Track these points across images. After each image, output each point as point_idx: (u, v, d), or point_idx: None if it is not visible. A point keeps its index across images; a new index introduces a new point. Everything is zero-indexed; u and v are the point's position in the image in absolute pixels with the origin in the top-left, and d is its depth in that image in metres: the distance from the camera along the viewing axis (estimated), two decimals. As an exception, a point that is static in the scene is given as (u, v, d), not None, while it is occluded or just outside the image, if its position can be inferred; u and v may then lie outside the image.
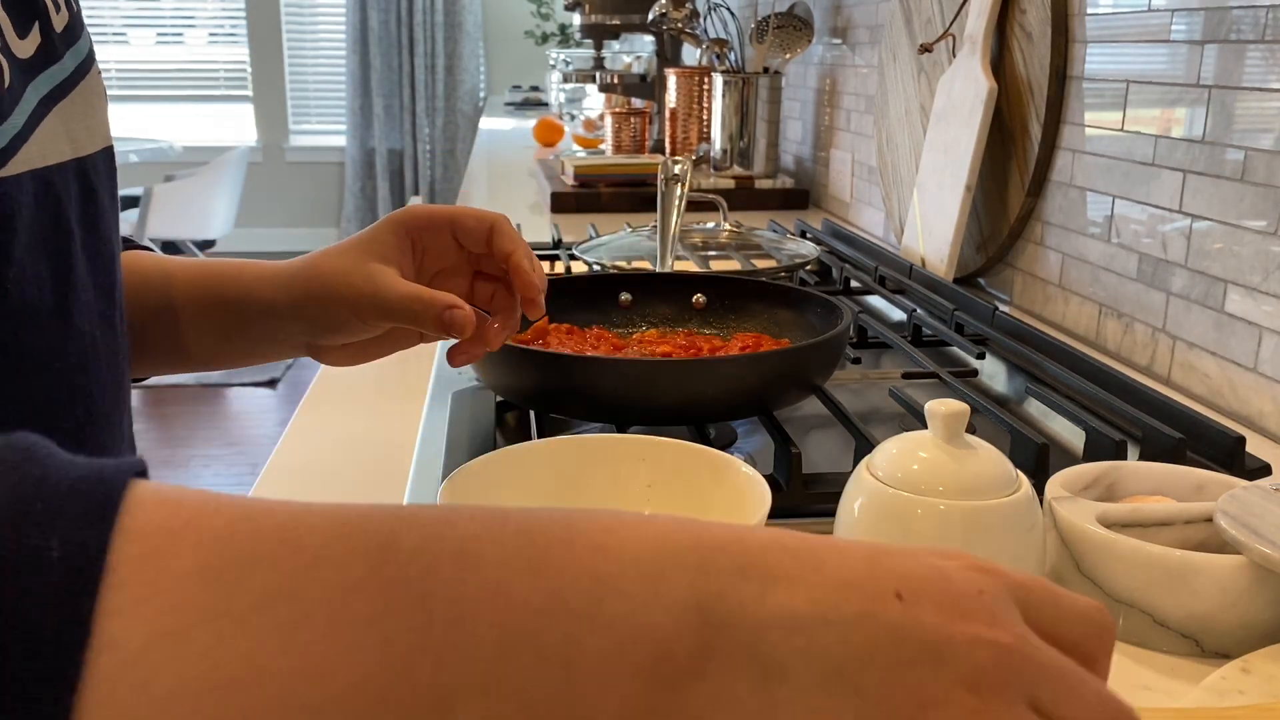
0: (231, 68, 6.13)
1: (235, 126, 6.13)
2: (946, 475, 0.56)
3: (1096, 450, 0.74)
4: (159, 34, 6.08)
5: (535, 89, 4.82)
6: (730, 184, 2.02)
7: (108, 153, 0.63)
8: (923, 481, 0.57)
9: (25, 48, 0.53)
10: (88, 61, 0.60)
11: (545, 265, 1.41)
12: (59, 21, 0.57)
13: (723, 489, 0.62)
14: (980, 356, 1.00)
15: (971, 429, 0.59)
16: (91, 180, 0.60)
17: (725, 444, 0.84)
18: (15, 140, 0.50)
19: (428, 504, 0.33)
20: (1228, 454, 0.74)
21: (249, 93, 6.13)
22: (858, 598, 0.32)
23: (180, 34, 6.11)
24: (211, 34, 6.12)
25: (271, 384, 4.07)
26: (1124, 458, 0.73)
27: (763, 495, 0.59)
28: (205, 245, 5.09)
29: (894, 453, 0.59)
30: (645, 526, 0.33)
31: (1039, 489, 0.64)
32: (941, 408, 0.57)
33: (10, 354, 0.50)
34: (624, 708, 0.31)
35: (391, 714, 0.29)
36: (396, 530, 0.31)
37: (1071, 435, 0.87)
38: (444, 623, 0.29)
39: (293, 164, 6.19)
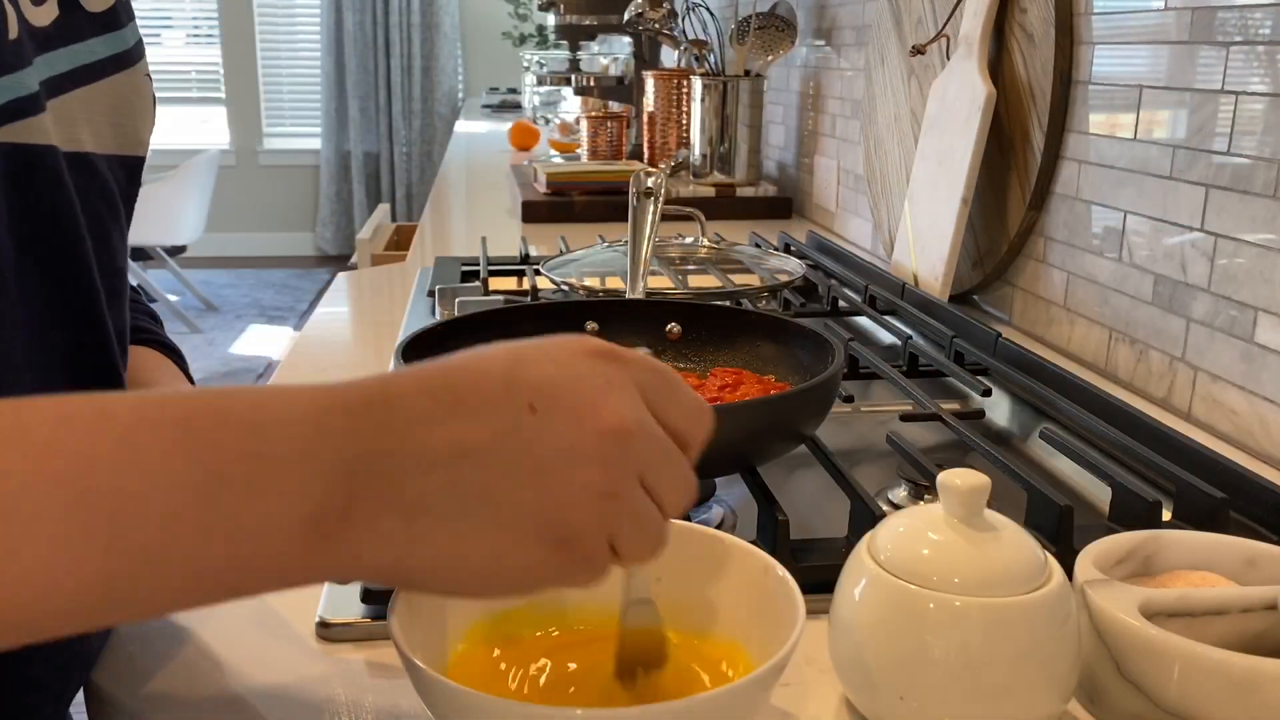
0: (204, 69, 6.00)
1: (207, 129, 6.00)
2: (964, 564, 0.47)
3: (1126, 512, 0.65)
4: (131, 35, 5.95)
5: (513, 91, 4.72)
6: (710, 191, 1.93)
7: (131, 162, 0.59)
8: (935, 572, 0.47)
9: (39, 15, 0.51)
10: (129, 56, 0.57)
11: (510, 283, 1.32)
12: (93, 3, 0.55)
13: (749, 591, 0.50)
14: (986, 394, 0.91)
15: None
16: (108, 181, 0.56)
17: (703, 497, 0.74)
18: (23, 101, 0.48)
19: (86, 396, 0.35)
20: (1276, 514, 0.65)
21: (222, 95, 6.00)
22: (493, 423, 0.37)
23: (158, 35, 5.99)
24: (190, 35, 5.99)
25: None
26: (1159, 520, 0.64)
27: (796, 610, 0.45)
28: (176, 251, 4.97)
29: (901, 532, 0.50)
30: (297, 400, 0.36)
31: (1060, 556, 0.55)
32: (957, 480, 0.48)
33: None
34: (288, 563, 0.35)
35: (66, 602, 0.32)
36: (58, 433, 0.33)
37: (1086, 482, 0.78)
38: (108, 516, 0.32)
39: (266, 167, 6.07)
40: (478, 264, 1.33)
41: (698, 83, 1.94)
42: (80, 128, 0.54)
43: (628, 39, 2.47)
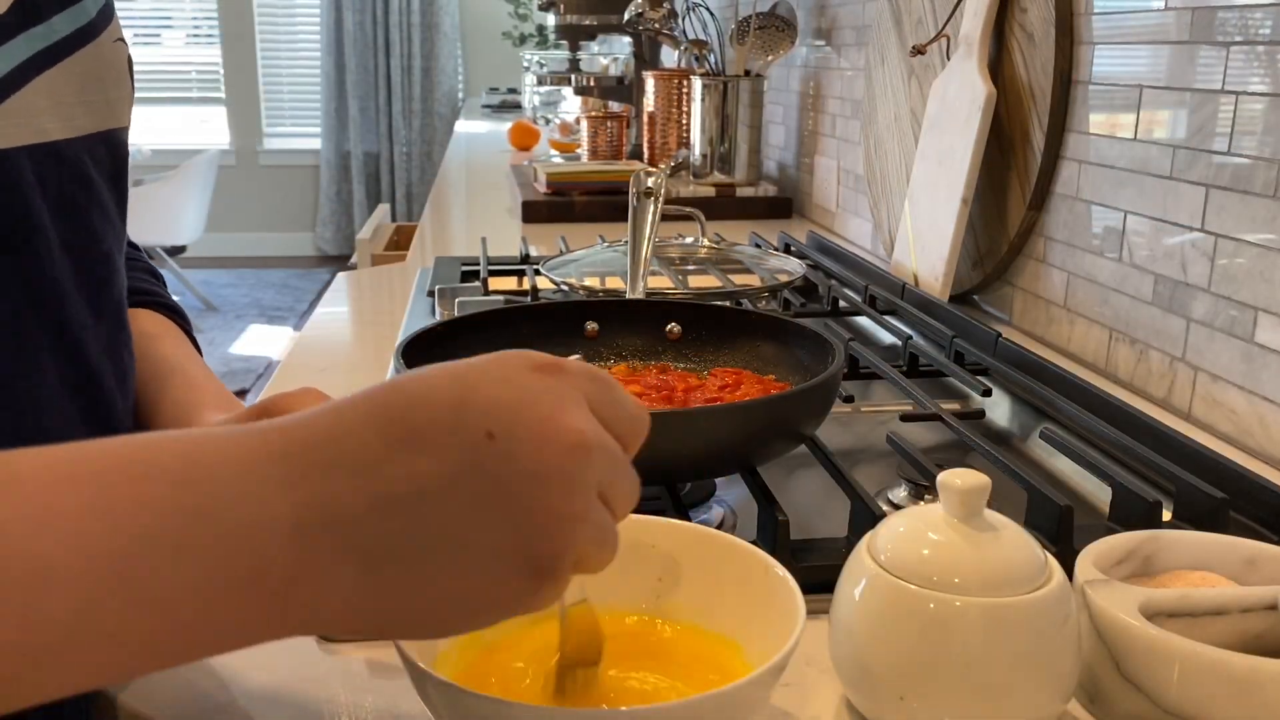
0: (204, 69, 6.00)
1: (208, 129, 6.00)
2: (964, 564, 0.47)
3: (1126, 511, 0.65)
4: (135, 34, 5.95)
5: (513, 91, 4.72)
6: (710, 191, 1.93)
7: (112, 136, 0.56)
8: (935, 572, 0.47)
9: None
10: (92, 28, 0.54)
11: (510, 283, 1.32)
12: None
13: (749, 591, 0.50)
14: (986, 394, 0.91)
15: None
16: (84, 166, 0.53)
17: (702, 497, 0.74)
18: None
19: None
20: (1276, 514, 0.65)
21: (222, 95, 6.00)
22: (451, 457, 0.34)
23: (158, 35, 5.98)
24: (190, 35, 5.99)
25: (242, 394, 3.95)
26: (1159, 520, 0.64)
27: (797, 610, 0.46)
28: (176, 251, 4.97)
29: (901, 532, 0.50)
30: (231, 447, 0.33)
31: (1060, 556, 0.55)
32: (957, 480, 0.48)
33: None
34: (233, 627, 0.32)
35: None
36: None
37: (1086, 482, 0.78)
38: (22, 587, 0.29)
39: (266, 167, 6.07)
40: (478, 264, 1.33)
41: (698, 83, 1.94)
42: (45, 117, 0.51)
43: (628, 39, 2.47)
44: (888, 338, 1.10)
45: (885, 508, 0.66)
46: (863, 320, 1.18)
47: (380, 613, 0.35)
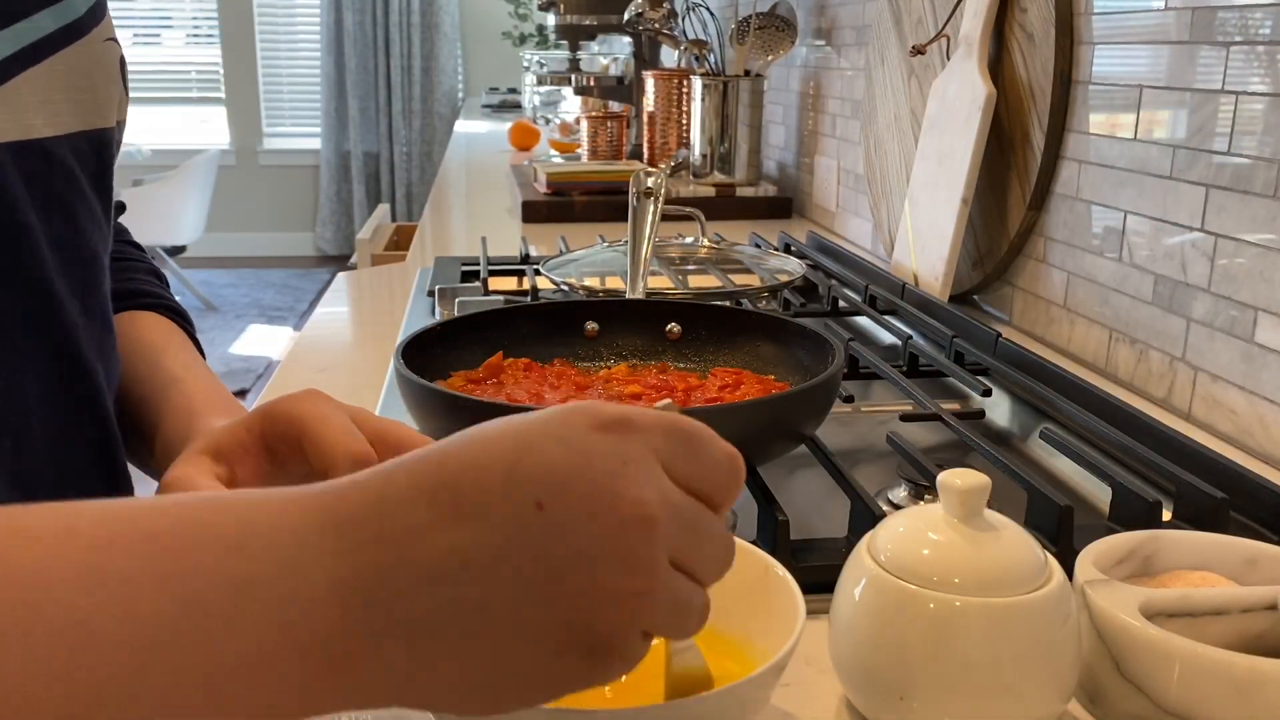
0: (204, 69, 6.00)
1: (208, 129, 6.00)
2: (964, 564, 0.47)
3: (1126, 511, 0.65)
4: (135, 34, 5.95)
5: (513, 91, 4.72)
6: (710, 191, 1.93)
7: (98, 136, 0.55)
8: (935, 572, 0.47)
9: None
10: (81, 25, 0.53)
11: (510, 283, 1.32)
12: None
13: (749, 591, 0.50)
14: (986, 394, 0.91)
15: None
16: (68, 163, 0.53)
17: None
18: None
19: (51, 508, 0.31)
20: (1276, 514, 0.65)
21: (222, 95, 6.00)
22: (496, 527, 0.32)
23: (158, 35, 5.98)
24: (190, 35, 5.99)
25: (242, 394, 3.96)
26: (1159, 520, 0.64)
27: (797, 610, 0.46)
28: (176, 251, 4.97)
29: (901, 532, 0.50)
30: (281, 515, 0.32)
31: (1060, 556, 0.55)
32: (957, 480, 0.48)
33: None
34: (278, 699, 0.31)
35: None
36: (15, 552, 0.29)
37: (1086, 482, 0.78)
38: (65, 649, 0.28)
39: (266, 167, 6.07)
40: (478, 264, 1.33)
41: (698, 83, 1.94)
42: (31, 113, 0.51)
43: (628, 39, 2.47)
44: (888, 338, 1.10)
45: (885, 508, 0.66)
46: (863, 320, 1.18)
47: (430, 690, 0.33)
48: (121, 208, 0.80)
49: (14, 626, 0.28)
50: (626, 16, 2.15)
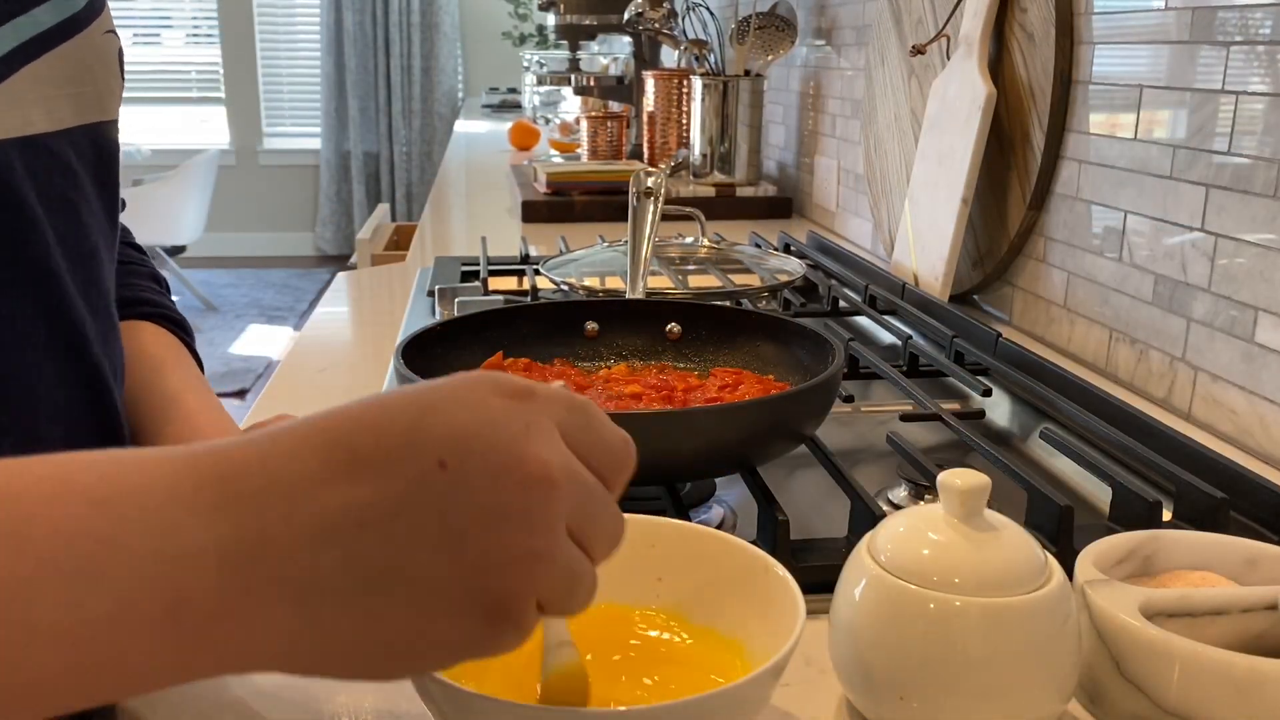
0: (204, 69, 6.00)
1: (207, 129, 6.00)
2: (964, 564, 0.47)
3: (1126, 511, 0.65)
4: (135, 34, 5.94)
5: (513, 91, 4.72)
6: (710, 191, 1.93)
7: (98, 130, 0.55)
8: (935, 572, 0.47)
9: None
10: (80, 19, 0.53)
11: (510, 283, 1.32)
12: None
13: (749, 591, 0.50)
14: (986, 394, 0.91)
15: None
16: (68, 159, 0.53)
17: (702, 497, 0.74)
18: None
19: None
20: (1276, 514, 0.65)
21: (222, 95, 6.00)
22: (395, 484, 0.31)
23: (158, 35, 5.98)
24: (190, 34, 5.99)
25: (241, 394, 3.96)
26: (1159, 520, 0.64)
27: (797, 610, 0.46)
28: (176, 250, 4.97)
29: (901, 532, 0.50)
30: (154, 471, 0.31)
31: (1060, 556, 0.55)
32: (957, 480, 0.48)
33: None
34: (150, 663, 0.30)
35: None
36: None
37: (1086, 482, 0.78)
38: None
39: (266, 167, 6.07)
40: (478, 264, 1.33)
41: (698, 83, 1.94)
42: (31, 108, 0.51)
43: (628, 39, 2.47)
44: (888, 338, 1.10)
45: (885, 508, 0.66)
46: (863, 320, 1.18)
47: (320, 653, 0.32)
48: (122, 205, 0.79)
49: None
50: (626, 16, 2.15)
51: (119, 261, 0.73)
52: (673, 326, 0.86)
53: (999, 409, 0.92)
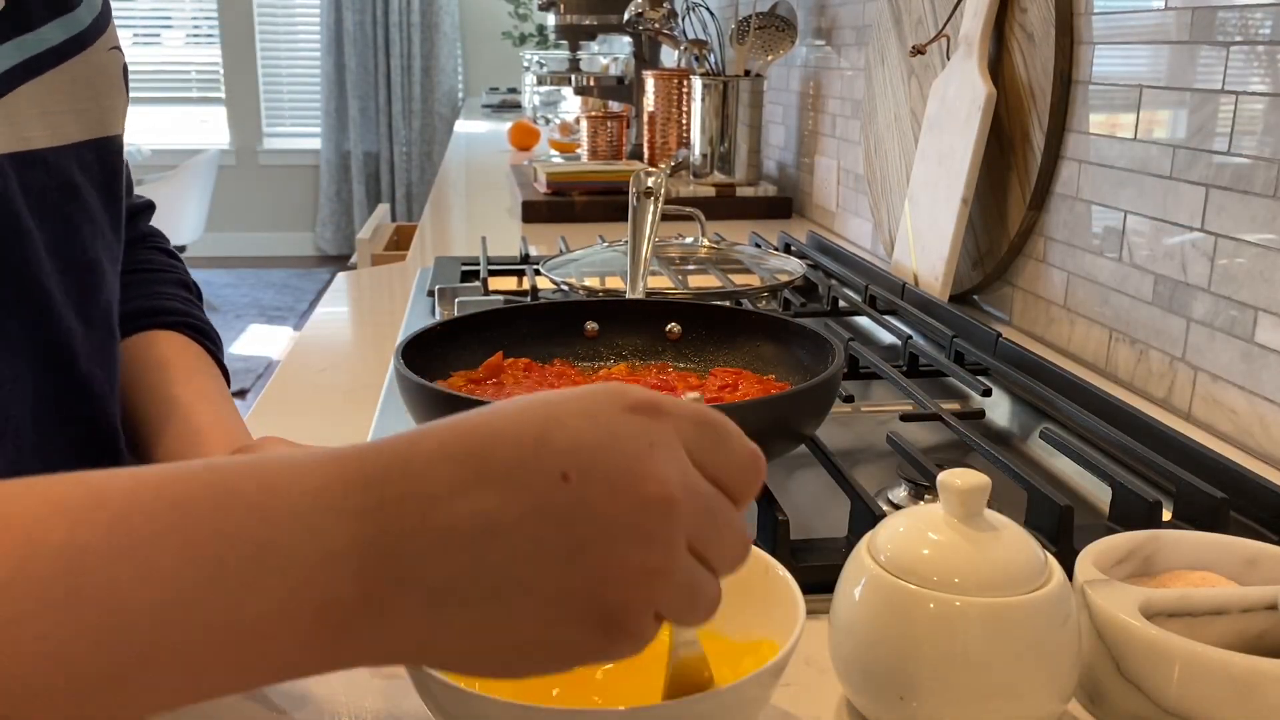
0: (204, 69, 6.00)
1: (207, 129, 6.00)
2: (964, 564, 0.47)
3: (1126, 511, 0.65)
4: (135, 34, 5.94)
5: (513, 91, 4.72)
6: (710, 191, 1.93)
7: (103, 145, 0.56)
8: (935, 571, 0.47)
9: None
10: (85, 37, 0.53)
11: (510, 283, 1.32)
12: None
13: (749, 591, 0.49)
14: (986, 394, 0.91)
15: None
16: (70, 174, 0.53)
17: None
18: None
19: (78, 478, 0.32)
20: (1276, 514, 0.65)
21: (222, 95, 6.00)
22: (522, 495, 0.33)
23: (158, 35, 5.98)
24: (190, 35, 5.99)
25: (241, 394, 3.96)
26: (1159, 520, 0.64)
27: (797, 610, 0.46)
28: (176, 250, 4.97)
29: (901, 532, 0.50)
30: (306, 477, 0.33)
31: (1060, 556, 0.55)
32: (957, 480, 0.48)
33: None
34: (298, 656, 0.32)
35: (55, 702, 0.29)
36: (45, 524, 0.30)
37: (1086, 482, 0.78)
38: (97, 609, 0.30)
39: (266, 167, 6.07)
40: (478, 264, 1.33)
41: (698, 83, 1.94)
42: (30, 124, 0.51)
43: (628, 39, 2.47)
44: (888, 338, 1.10)
45: (885, 508, 0.66)
46: (863, 320, 1.18)
47: (446, 650, 0.34)
48: (151, 208, 0.79)
49: (47, 596, 0.29)
50: (626, 16, 2.15)
51: (146, 269, 0.73)
52: (673, 326, 0.86)
53: (999, 409, 0.92)
